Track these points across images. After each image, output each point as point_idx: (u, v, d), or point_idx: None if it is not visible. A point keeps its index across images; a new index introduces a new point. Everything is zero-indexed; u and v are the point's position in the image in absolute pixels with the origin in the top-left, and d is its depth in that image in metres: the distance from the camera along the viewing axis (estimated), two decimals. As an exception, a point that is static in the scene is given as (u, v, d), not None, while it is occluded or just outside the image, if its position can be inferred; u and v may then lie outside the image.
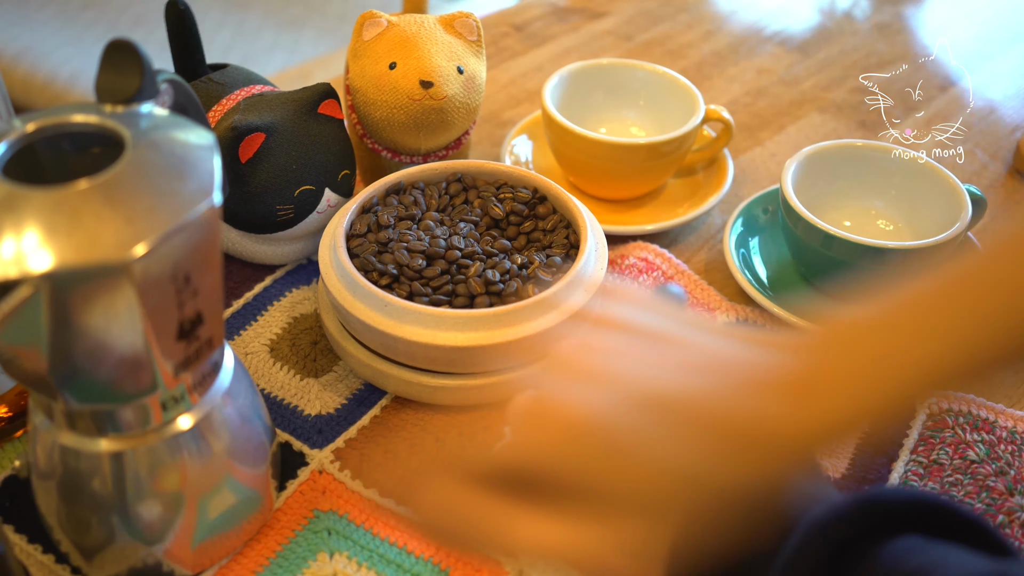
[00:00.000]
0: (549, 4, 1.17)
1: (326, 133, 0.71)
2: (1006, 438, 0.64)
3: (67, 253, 0.41)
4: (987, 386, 0.68)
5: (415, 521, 0.44)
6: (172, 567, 0.54)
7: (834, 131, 0.95)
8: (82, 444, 0.50)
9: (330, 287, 0.64)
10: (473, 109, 0.74)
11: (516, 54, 1.07)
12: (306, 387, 0.67)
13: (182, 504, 0.52)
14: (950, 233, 0.68)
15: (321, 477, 0.62)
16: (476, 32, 0.74)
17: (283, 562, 0.57)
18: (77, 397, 0.48)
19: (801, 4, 1.20)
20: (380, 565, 0.57)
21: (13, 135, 0.46)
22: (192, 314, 0.47)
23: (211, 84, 0.74)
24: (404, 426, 0.65)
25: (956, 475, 0.62)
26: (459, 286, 0.64)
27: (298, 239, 0.74)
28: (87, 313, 0.43)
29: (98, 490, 0.51)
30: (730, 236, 0.77)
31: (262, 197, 0.69)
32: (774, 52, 1.09)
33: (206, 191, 0.45)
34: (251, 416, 0.56)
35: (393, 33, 0.72)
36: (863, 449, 0.64)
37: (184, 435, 0.51)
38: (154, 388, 0.48)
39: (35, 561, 0.56)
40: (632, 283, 0.46)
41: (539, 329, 0.61)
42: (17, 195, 0.42)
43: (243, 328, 0.71)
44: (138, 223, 0.42)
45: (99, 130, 0.47)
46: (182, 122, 0.49)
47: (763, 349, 0.41)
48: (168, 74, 0.53)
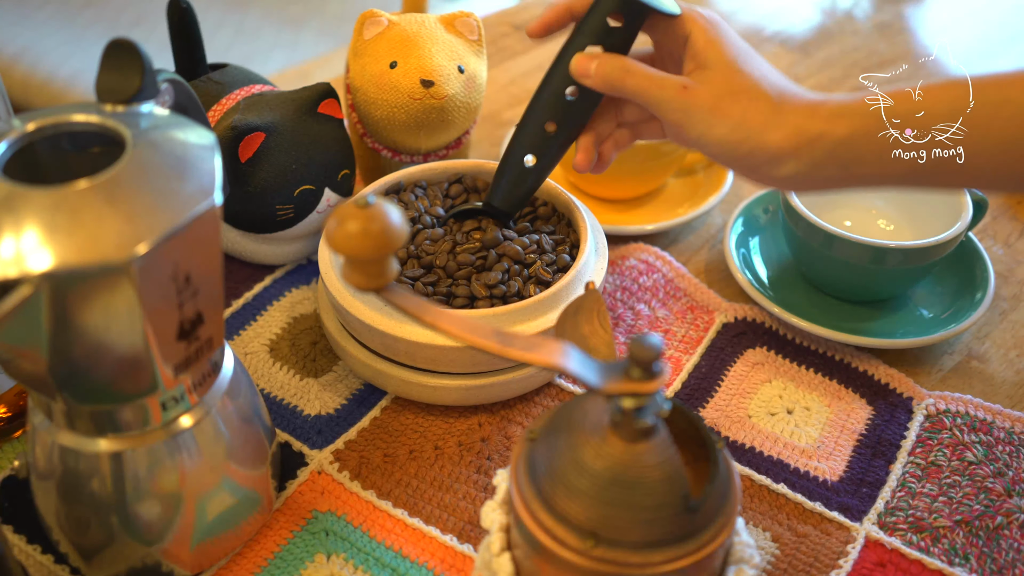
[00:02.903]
0: (549, 4, 1.17)
1: (326, 133, 0.71)
2: (1004, 439, 0.64)
3: (67, 253, 0.41)
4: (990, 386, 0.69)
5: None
6: (171, 567, 0.54)
7: (834, 131, 0.95)
8: (81, 444, 0.50)
9: (330, 287, 0.64)
10: (474, 108, 0.74)
11: (516, 54, 1.07)
12: (306, 387, 0.67)
13: (181, 504, 0.52)
14: (950, 233, 0.68)
15: (320, 478, 0.62)
16: (477, 31, 0.74)
17: (281, 563, 0.57)
18: (77, 397, 0.48)
19: (802, 4, 1.20)
20: (376, 568, 0.57)
21: (13, 135, 0.46)
22: (192, 314, 0.47)
23: (211, 84, 0.74)
24: (404, 430, 0.65)
25: (954, 476, 0.62)
26: (459, 287, 0.64)
27: (298, 239, 0.74)
28: (87, 313, 0.43)
29: (97, 490, 0.51)
30: (730, 236, 0.77)
31: (262, 197, 0.69)
32: (775, 52, 1.09)
33: (206, 191, 0.45)
34: (251, 416, 0.56)
35: (394, 32, 0.72)
36: (860, 451, 0.64)
37: (184, 435, 0.51)
38: (154, 388, 0.48)
39: (34, 561, 0.56)
40: None
41: (539, 329, 0.61)
42: (17, 195, 0.42)
43: (243, 328, 0.71)
44: (138, 223, 0.42)
45: (99, 130, 0.47)
46: (182, 122, 0.49)
47: None
48: (168, 74, 0.53)
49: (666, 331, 0.72)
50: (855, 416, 0.66)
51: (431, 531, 0.59)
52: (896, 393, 0.68)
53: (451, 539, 0.58)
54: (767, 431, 0.65)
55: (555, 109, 0.63)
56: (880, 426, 0.66)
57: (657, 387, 0.45)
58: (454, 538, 0.58)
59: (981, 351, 0.72)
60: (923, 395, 0.67)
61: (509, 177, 0.65)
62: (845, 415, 0.67)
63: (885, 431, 0.65)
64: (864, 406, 0.67)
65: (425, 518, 0.59)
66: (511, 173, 0.65)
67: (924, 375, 0.70)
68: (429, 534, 0.59)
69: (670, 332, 0.72)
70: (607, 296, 0.74)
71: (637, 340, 0.45)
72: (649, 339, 0.45)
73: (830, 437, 0.65)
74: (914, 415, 0.66)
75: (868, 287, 0.73)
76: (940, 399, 0.67)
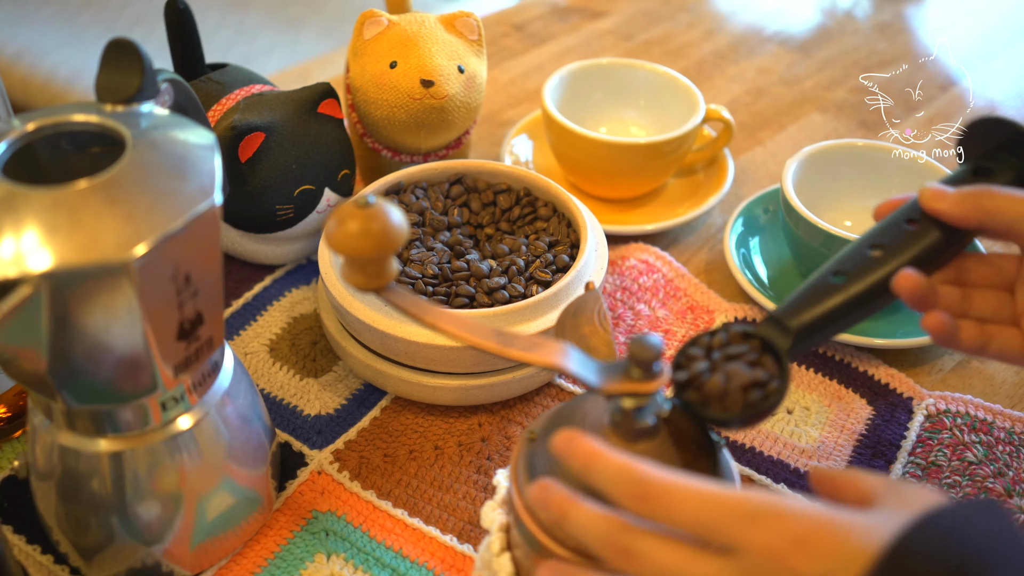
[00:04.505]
0: (549, 4, 1.17)
1: (326, 133, 0.71)
2: (1004, 439, 0.64)
3: (67, 253, 0.41)
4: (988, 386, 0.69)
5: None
6: (171, 567, 0.54)
7: (835, 131, 0.95)
8: (81, 444, 0.50)
9: (330, 287, 0.64)
10: (473, 108, 0.74)
11: (516, 54, 1.07)
12: (306, 387, 0.67)
13: (181, 504, 0.52)
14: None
15: (320, 478, 0.61)
16: (477, 31, 0.74)
17: (281, 563, 0.57)
18: (76, 397, 0.47)
19: (802, 4, 1.20)
20: (376, 568, 0.57)
21: (13, 135, 0.46)
22: (192, 314, 0.47)
23: (210, 84, 0.74)
24: (404, 430, 0.65)
25: (954, 476, 0.62)
26: (459, 287, 0.64)
27: (298, 239, 0.74)
28: (87, 313, 0.43)
29: (97, 490, 0.51)
30: (730, 236, 0.77)
31: (262, 197, 0.69)
32: (774, 52, 1.09)
33: (206, 191, 0.45)
34: (251, 416, 0.56)
35: (394, 32, 0.72)
36: (860, 451, 0.64)
37: (183, 435, 0.51)
38: (154, 388, 0.48)
39: (34, 562, 0.56)
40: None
41: (539, 329, 0.61)
42: (17, 195, 0.42)
43: (243, 328, 0.71)
44: (138, 223, 0.42)
45: (99, 130, 0.47)
46: (182, 122, 0.49)
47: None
48: (168, 73, 0.53)
49: (666, 331, 0.72)
50: (855, 416, 0.66)
51: (431, 531, 0.59)
52: (896, 393, 0.68)
53: (451, 539, 0.58)
54: (767, 431, 0.65)
55: (885, 235, 0.50)
56: (880, 426, 0.66)
57: (657, 387, 0.45)
58: (454, 538, 0.58)
59: (981, 351, 0.72)
60: (923, 395, 0.67)
61: (806, 291, 0.50)
62: (845, 415, 0.67)
63: (885, 431, 0.65)
64: (864, 406, 0.67)
65: (425, 518, 0.59)
66: (810, 286, 0.50)
67: (924, 375, 0.70)
68: (429, 534, 0.59)
69: (670, 332, 0.72)
70: (607, 296, 0.74)
71: (637, 340, 0.45)
72: (649, 339, 0.45)
73: (830, 437, 0.65)
74: (914, 415, 0.66)
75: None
76: (940, 399, 0.67)
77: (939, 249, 0.49)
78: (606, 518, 0.41)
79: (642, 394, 0.45)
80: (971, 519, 0.38)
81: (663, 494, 0.40)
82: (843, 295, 0.49)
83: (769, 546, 0.38)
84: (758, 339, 0.49)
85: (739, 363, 0.48)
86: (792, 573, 0.38)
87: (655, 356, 0.45)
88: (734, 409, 0.46)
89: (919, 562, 0.36)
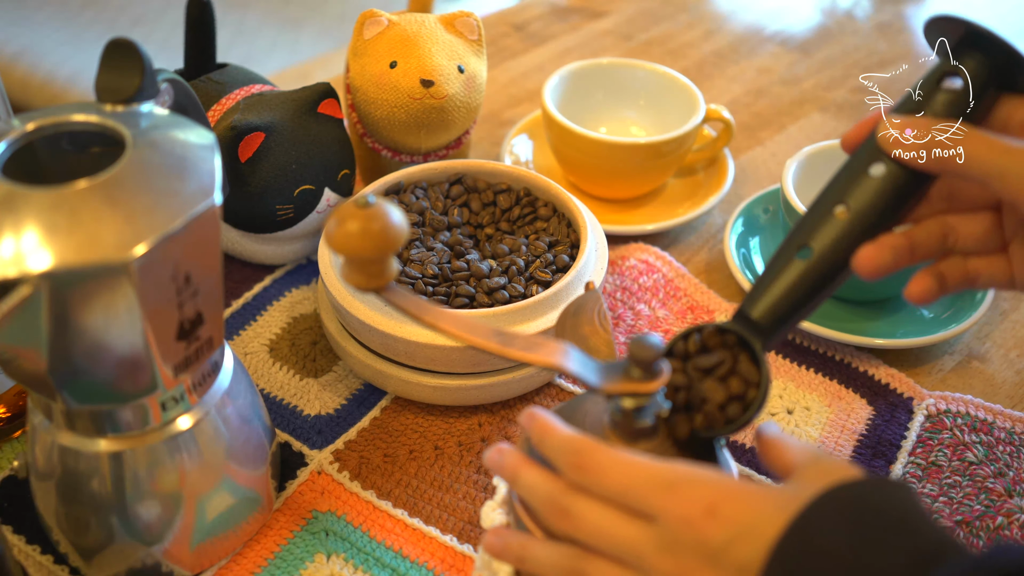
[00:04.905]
0: (549, 4, 1.17)
1: (326, 133, 0.71)
2: (1004, 439, 0.64)
3: (67, 253, 0.41)
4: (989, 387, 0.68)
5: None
6: (171, 567, 0.54)
7: (835, 131, 0.95)
8: (81, 444, 0.50)
9: (330, 287, 0.64)
10: (473, 108, 0.74)
11: (516, 54, 1.07)
12: (306, 387, 0.67)
13: (181, 504, 0.52)
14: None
15: (320, 478, 0.61)
16: (477, 31, 0.74)
17: (281, 563, 0.57)
18: (76, 397, 0.47)
19: (802, 4, 1.20)
20: (376, 568, 0.57)
21: (13, 135, 0.46)
22: (192, 314, 0.47)
23: (210, 84, 0.74)
24: (404, 430, 0.65)
25: (955, 477, 0.62)
26: (459, 287, 0.64)
27: (298, 239, 0.74)
28: (87, 313, 0.43)
29: (97, 490, 0.51)
30: (731, 236, 0.77)
31: (262, 197, 0.69)
32: (774, 52, 1.09)
33: (206, 191, 0.45)
34: (251, 416, 0.56)
35: (394, 32, 0.72)
36: (861, 451, 0.64)
37: (183, 435, 0.51)
38: (153, 388, 0.48)
39: (34, 562, 0.56)
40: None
41: (539, 329, 0.61)
42: (17, 195, 0.42)
43: (243, 328, 0.71)
44: (138, 223, 0.42)
45: (99, 130, 0.47)
46: (182, 122, 0.49)
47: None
48: (168, 73, 0.53)
49: (666, 331, 0.72)
50: (855, 416, 0.66)
51: (431, 531, 0.59)
52: (896, 393, 0.68)
53: (451, 539, 0.58)
54: (767, 431, 0.65)
55: (849, 188, 0.47)
56: (880, 426, 0.66)
57: (657, 387, 0.45)
58: (454, 538, 0.58)
59: (982, 351, 0.72)
60: (923, 395, 0.67)
61: (771, 275, 0.48)
62: (845, 415, 0.67)
63: (885, 431, 0.65)
64: (864, 406, 0.67)
65: (425, 518, 0.59)
66: (774, 270, 0.48)
67: (924, 375, 0.70)
68: (429, 534, 0.59)
69: (670, 332, 0.72)
70: (607, 296, 0.74)
71: (637, 340, 0.45)
72: (649, 339, 0.45)
73: (830, 437, 0.65)
74: (914, 415, 0.66)
75: (868, 287, 0.73)
76: (940, 399, 0.67)
77: (910, 189, 0.46)
78: (551, 479, 0.45)
79: (642, 394, 0.45)
80: (878, 492, 0.40)
81: (596, 464, 0.43)
82: (812, 275, 0.47)
83: (683, 513, 0.41)
84: (733, 334, 0.49)
85: (714, 378, 0.48)
86: (703, 538, 0.40)
87: (655, 356, 0.45)
88: (716, 426, 0.48)
89: (822, 533, 0.39)
